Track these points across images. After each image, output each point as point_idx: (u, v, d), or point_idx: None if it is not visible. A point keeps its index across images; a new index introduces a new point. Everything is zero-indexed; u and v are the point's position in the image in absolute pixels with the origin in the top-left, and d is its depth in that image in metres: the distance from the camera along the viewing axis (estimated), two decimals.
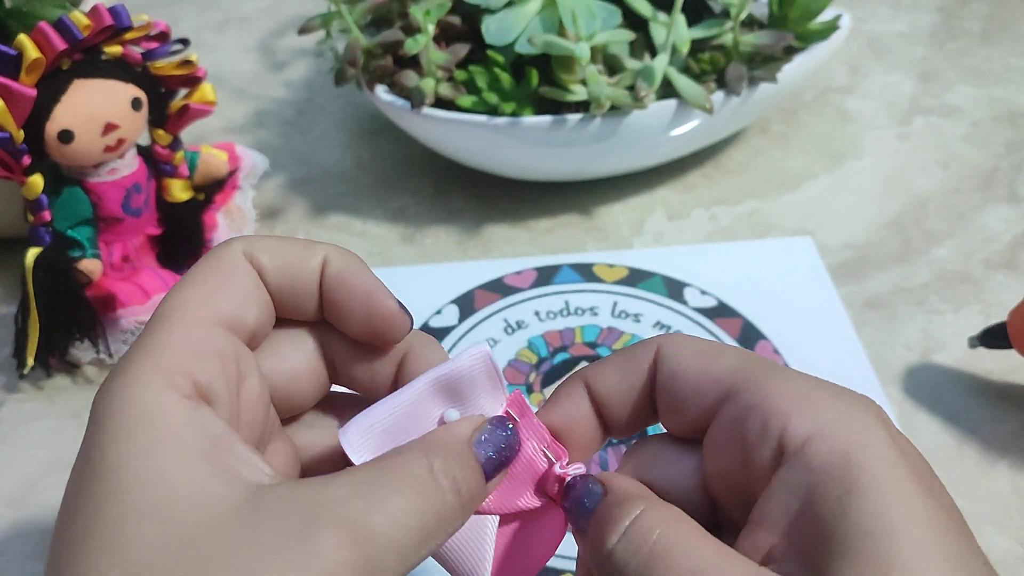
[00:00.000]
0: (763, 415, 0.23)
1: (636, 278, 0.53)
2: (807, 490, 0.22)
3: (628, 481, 0.26)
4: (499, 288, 0.53)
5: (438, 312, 0.52)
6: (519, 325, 0.51)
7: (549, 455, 0.26)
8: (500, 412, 0.26)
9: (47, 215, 0.47)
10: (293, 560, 0.20)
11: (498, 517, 0.26)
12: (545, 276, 0.54)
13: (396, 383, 0.27)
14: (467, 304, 0.52)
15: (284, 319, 0.27)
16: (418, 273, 0.54)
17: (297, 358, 0.27)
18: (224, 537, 0.20)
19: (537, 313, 0.51)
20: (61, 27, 0.43)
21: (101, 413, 0.22)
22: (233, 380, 0.24)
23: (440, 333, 0.50)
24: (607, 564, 0.23)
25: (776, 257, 0.54)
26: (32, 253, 0.46)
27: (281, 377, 0.26)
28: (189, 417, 0.22)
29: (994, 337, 0.45)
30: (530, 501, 0.26)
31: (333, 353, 0.27)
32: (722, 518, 0.26)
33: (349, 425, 0.25)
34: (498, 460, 0.25)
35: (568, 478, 0.26)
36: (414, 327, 0.28)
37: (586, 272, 0.54)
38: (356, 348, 0.27)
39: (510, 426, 0.26)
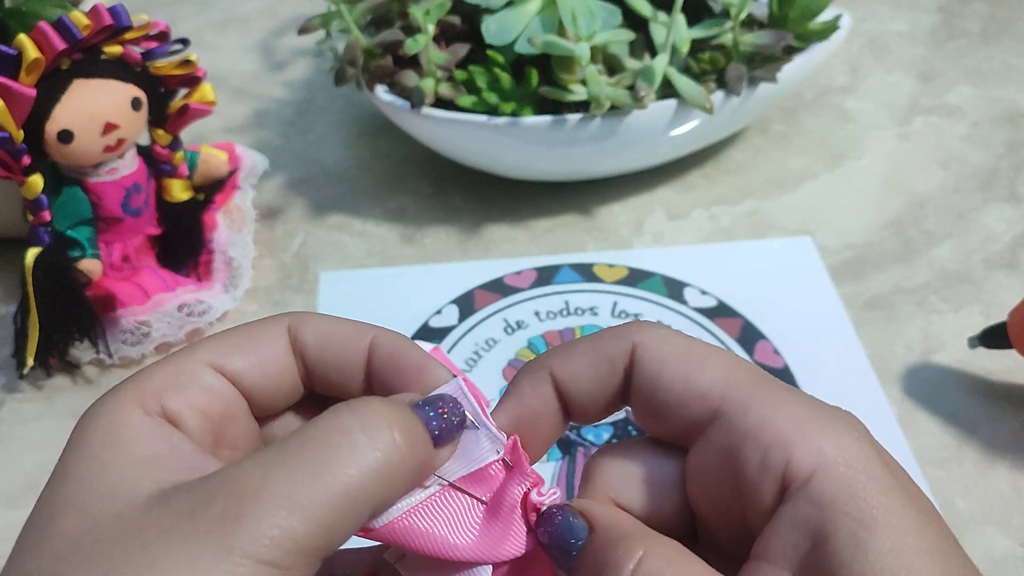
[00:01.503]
0: (762, 446, 0.22)
1: (636, 278, 0.53)
2: (817, 527, 0.21)
3: (612, 513, 0.24)
4: (499, 288, 0.53)
5: (438, 312, 0.52)
6: (519, 325, 0.51)
7: (536, 499, 0.25)
8: (493, 458, 0.25)
9: (47, 215, 0.47)
10: (194, 546, 0.19)
11: (491, 567, 0.24)
12: (545, 276, 0.54)
13: (368, 377, 0.26)
14: (467, 304, 0.52)
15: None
16: (418, 273, 0.54)
17: (267, 360, 0.26)
18: (127, 525, 0.20)
19: (537, 313, 0.51)
20: (61, 27, 0.43)
21: (76, 430, 0.23)
22: (214, 417, 0.24)
23: (440, 333, 0.50)
24: None
25: (776, 257, 0.54)
26: (32, 253, 0.46)
27: (252, 377, 0.26)
28: (148, 429, 0.22)
29: (994, 337, 0.45)
30: (518, 547, 0.25)
31: (302, 348, 0.26)
32: (701, 530, 0.25)
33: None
34: (440, 424, 0.24)
35: (543, 508, 0.25)
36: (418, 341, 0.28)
37: (586, 272, 0.54)
38: (323, 345, 0.26)
39: (453, 396, 0.25)
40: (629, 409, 0.26)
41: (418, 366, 0.26)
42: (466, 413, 0.25)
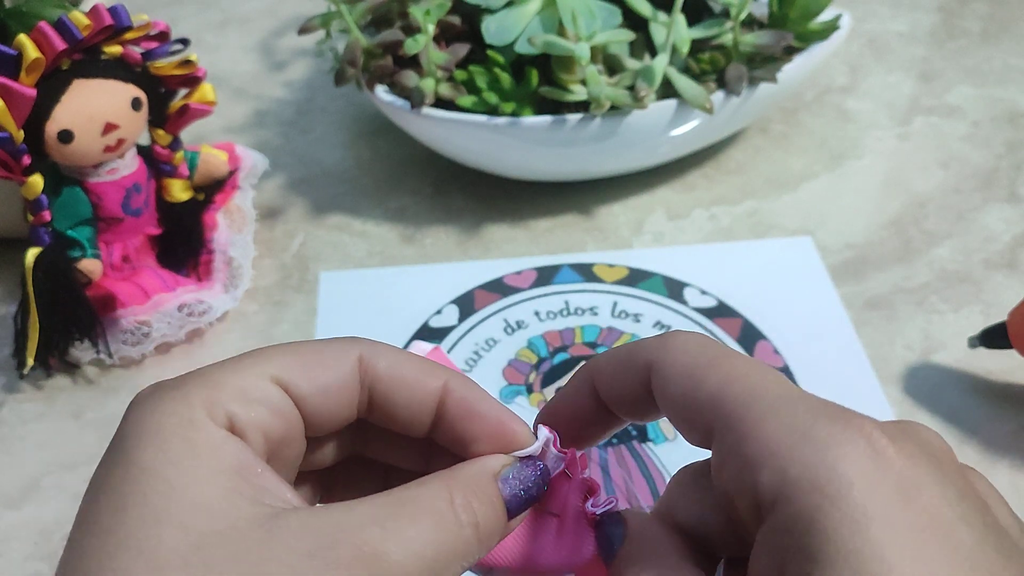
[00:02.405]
0: (737, 465, 0.22)
1: (636, 278, 0.53)
2: (782, 556, 0.20)
3: (648, 523, 0.25)
4: (499, 288, 0.53)
5: (438, 312, 0.52)
6: (519, 325, 0.51)
7: (590, 508, 0.26)
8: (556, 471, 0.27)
9: (47, 215, 0.47)
10: None
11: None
12: (545, 276, 0.54)
13: (437, 421, 0.26)
14: (467, 304, 0.52)
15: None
16: (418, 273, 0.54)
17: (333, 387, 0.25)
18: (240, 550, 0.20)
19: (537, 313, 0.51)
20: (61, 27, 0.43)
21: (138, 418, 0.22)
22: (273, 439, 0.24)
23: (440, 333, 0.50)
24: None
25: (776, 257, 0.54)
26: (32, 253, 0.46)
27: (315, 402, 0.25)
28: (223, 440, 0.22)
29: (994, 337, 0.45)
30: (589, 552, 0.26)
31: (372, 381, 0.26)
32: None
33: None
34: (523, 498, 0.25)
35: (596, 516, 0.26)
36: (439, 350, 0.28)
37: (586, 272, 0.54)
38: (395, 382, 0.26)
39: (541, 465, 0.26)
40: None
41: (497, 420, 0.26)
42: (546, 479, 0.26)
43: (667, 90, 0.53)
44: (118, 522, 0.20)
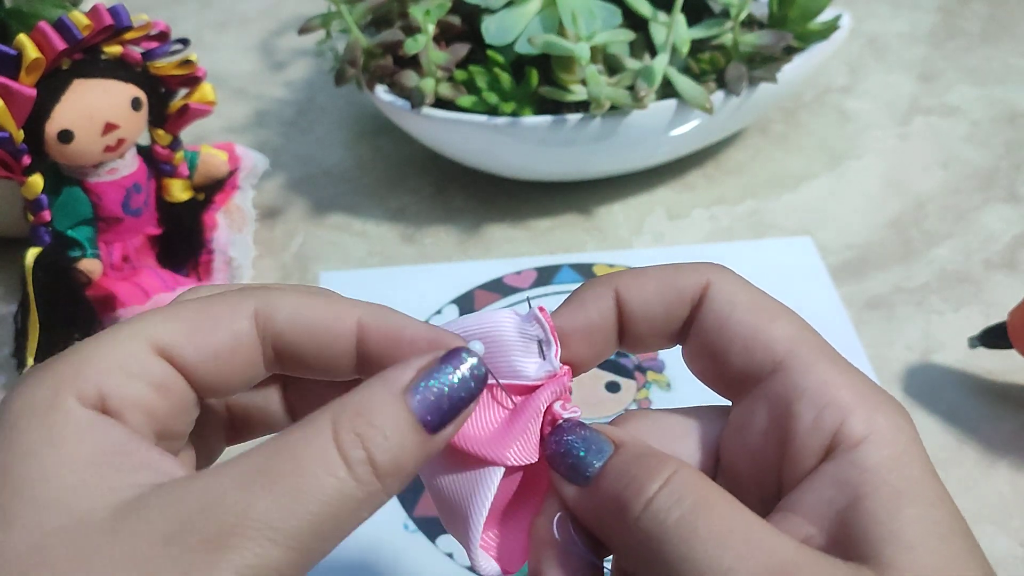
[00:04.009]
0: (818, 404, 0.23)
1: None
2: (857, 487, 0.22)
3: (639, 438, 0.24)
4: (499, 288, 0.53)
5: (438, 312, 0.52)
6: None
7: (557, 410, 0.24)
8: (544, 374, 0.24)
9: (47, 215, 0.47)
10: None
11: (501, 470, 0.24)
12: (545, 276, 0.54)
13: (361, 362, 0.24)
14: (467, 304, 0.52)
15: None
16: (418, 273, 0.54)
17: (227, 349, 0.23)
18: (84, 547, 0.18)
19: None
20: (61, 27, 0.43)
21: (6, 408, 0.21)
22: (159, 416, 0.22)
23: None
24: (638, 514, 0.21)
25: (776, 257, 0.54)
26: (32, 253, 0.46)
27: (205, 368, 0.23)
28: (89, 423, 0.20)
29: (994, 337, 0.45)
30: (530, 454, 0.24)
31: (272, 334, 0.23)
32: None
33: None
34: (445, 408, 0.21)
35: (561, 420, 0.24)
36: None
37: (586, 272, 0.54)
38: (300, 331, 0.23)
39: (469, 362, 0.22)
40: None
41: (426, 340, 0.23)
42: (489, 375, 0.23)
43: (667, 90, 0.53)
44: None
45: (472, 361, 0.22)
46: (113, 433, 0.20)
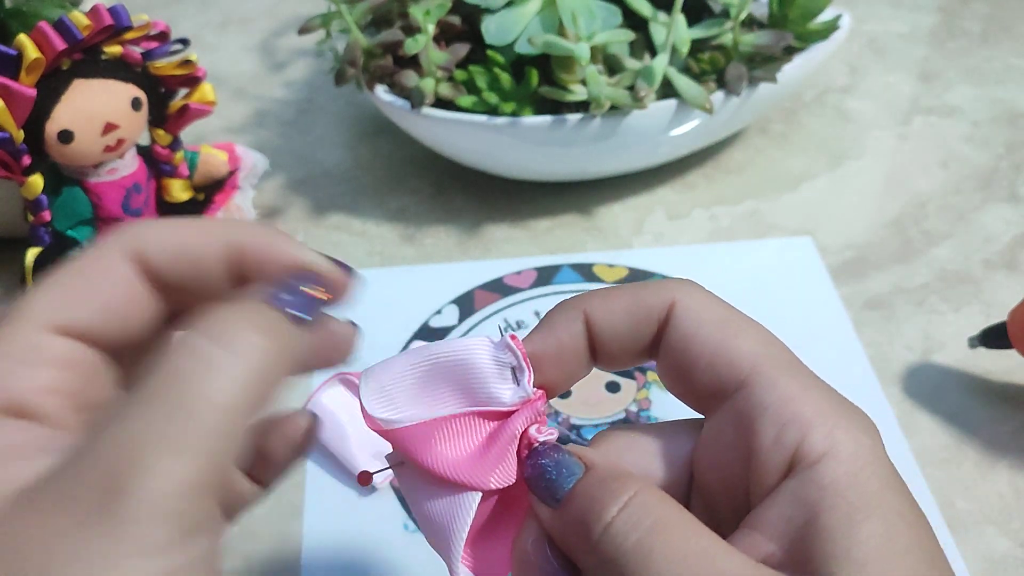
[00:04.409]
0: (780, 421, 0.23)
1: (636, 278, 0.53)
2: (815, 505, 0.22)
3: (610, 460, 0.24)
4: (499, 288, 0.53)
5: (438, 312, 0.52)
6: (519, 325, 0.51)
7: (533, 434, 0.25)
8: (516, 402, 0.25)
9: (47, 215, 0.47)
10: (80, 545, 0.18)
11: (479, 494, 0.24)
12: (545, 276, 0.54)
13: (236, 281, 0.24)
14: (467, 304, 0.52)
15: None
16: (418, 273, 0.54)
17: (115, 301, 0.23)
18: None
19: (537, 313, 0.51)
20: (61, 27, 0.43)
21: None
22: (72, 392, 0.22)
23: (440, 333, 0.50)
24: (598, 537, 0.22)
25: (776, 257, 0.54)
26: (32, 253, 0.46)
27: (102, 327, 0.23)
28: None
29: (994, 337, 0.45)
30: (508, 478, 0.25)
31: (152, 276, 0.24)
32: (696, 504, 0.25)
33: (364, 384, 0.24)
34: (306, 304, 0.22)
35: (536, 443, 0.25)
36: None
37: (586, 272, 0.54)
38: (174, 265, 0.23)
39: (315, 275, 0.24)
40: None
41: (291, 257, 0.24)
42: (516, 420, 0.24)
43: (667, 90, 0.53)
44: None
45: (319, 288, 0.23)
46: (12, 433, 0.20)
